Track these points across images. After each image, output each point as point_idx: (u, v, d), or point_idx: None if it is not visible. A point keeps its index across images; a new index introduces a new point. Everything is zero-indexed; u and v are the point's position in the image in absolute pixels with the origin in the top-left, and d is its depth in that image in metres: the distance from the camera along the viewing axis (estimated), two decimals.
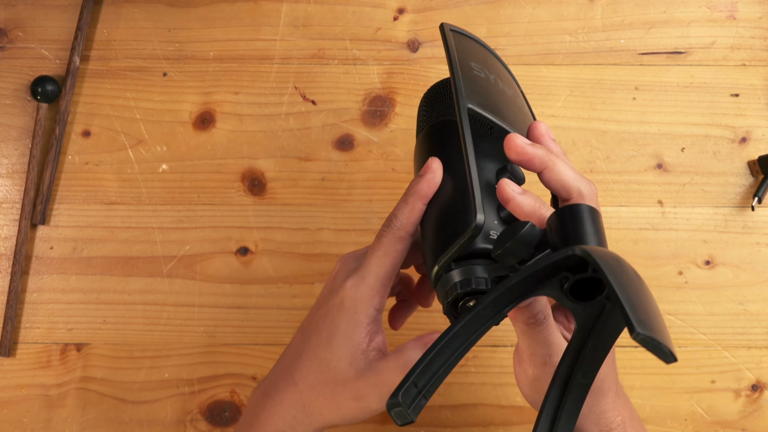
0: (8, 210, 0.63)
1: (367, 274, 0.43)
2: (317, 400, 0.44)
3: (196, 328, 0.61)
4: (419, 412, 0.33)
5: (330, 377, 0.43)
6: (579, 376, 0.34)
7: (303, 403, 0.44)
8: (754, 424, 0.60)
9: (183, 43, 0.65)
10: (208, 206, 0.63)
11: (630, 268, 0.31)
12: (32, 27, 0.65)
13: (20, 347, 0.61)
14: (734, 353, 0.61)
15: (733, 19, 0.66)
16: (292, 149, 0.64)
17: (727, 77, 0.65)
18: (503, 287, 0.33)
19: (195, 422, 0.60)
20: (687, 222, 0.63)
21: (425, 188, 0.43)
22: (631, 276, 0.30)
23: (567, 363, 0.34)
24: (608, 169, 0.63)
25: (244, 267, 0.62)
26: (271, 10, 0.66)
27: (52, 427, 0.60)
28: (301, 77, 0.65)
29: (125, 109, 0.64)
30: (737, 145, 0.64)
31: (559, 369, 0.34)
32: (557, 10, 0.66)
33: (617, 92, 0.65)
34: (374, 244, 0.44)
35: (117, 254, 0.62)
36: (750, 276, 0.62)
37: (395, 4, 0.66)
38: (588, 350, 0.34)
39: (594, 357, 0.34)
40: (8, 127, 0.64)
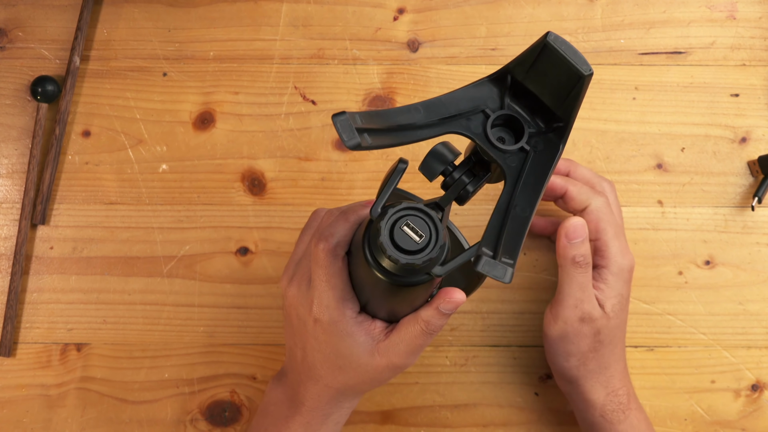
0: (8, 210, 0.63)
1: (329, 298, 0.44)
2: (352, 387, 0.48)
3: (196, 328, 0.61)
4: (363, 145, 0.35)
5: (358, 376, 0.46)
6: (518, 211, 0.38)
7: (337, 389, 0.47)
8: (754, 424, 0.60)
9: (183, 43, 0.65)
10: (208, 206, 0.63)
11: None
12: (32, 27, 0.65)
13: (20, 347, 0.61)
14: (734, 353, 0.61)
15: (733, 19, 0.66)
16: (292, 149, 0.64)
17: (727, 77, 0.65)
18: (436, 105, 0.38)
19: (195, 422, 0.60)
20: (687, 222, 0.63)
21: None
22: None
23: (504, 201, 0.38)
24: (608, 169, 0.63)
25: (244, 267, 0.62)
26: (271, 10, 0.66)
27: (52, 427, 0.60)
28: (301, 77, 0.65)
29: (125, 109, 0.64)
30: (737, 145, 0.64)
31: (498, 205, 0.38)
32: (557, 10, 0.66)
33: (617, 92, 0.65)
34: (317, 270, 0.44)
35: (117, 254, 0.62)
36: (750, 276, 0.62)
37: (395, 4, 0.66)
38: (520, 190, 0.38)
39: (530, 195, 0.38)
40: (8, 127, 0.64)
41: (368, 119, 0.36)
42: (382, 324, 0.45)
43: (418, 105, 0.38)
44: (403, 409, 0.60)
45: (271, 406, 0.50)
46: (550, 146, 0.39)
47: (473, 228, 0.62)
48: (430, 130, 0.38)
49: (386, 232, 0.38)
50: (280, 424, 0.49)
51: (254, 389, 0.61)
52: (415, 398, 0.60)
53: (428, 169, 0.41)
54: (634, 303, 0.61)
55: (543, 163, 0.39)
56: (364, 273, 0.41)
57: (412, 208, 0.38)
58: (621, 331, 0.54)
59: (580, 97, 0.37)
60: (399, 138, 0.37)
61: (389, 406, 0.60)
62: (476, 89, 0.39)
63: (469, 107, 0.39)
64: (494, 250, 0.36)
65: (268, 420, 0.50)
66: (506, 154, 0.39)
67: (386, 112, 0.37)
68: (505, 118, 0.39)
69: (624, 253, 0.53)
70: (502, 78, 0.39)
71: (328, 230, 0.43)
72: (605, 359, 0.53)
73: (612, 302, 0.52)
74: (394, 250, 0.37)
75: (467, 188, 0.41)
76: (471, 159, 0.41)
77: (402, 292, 0.41)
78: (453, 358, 0.61)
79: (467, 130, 0.39)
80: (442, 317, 0.42)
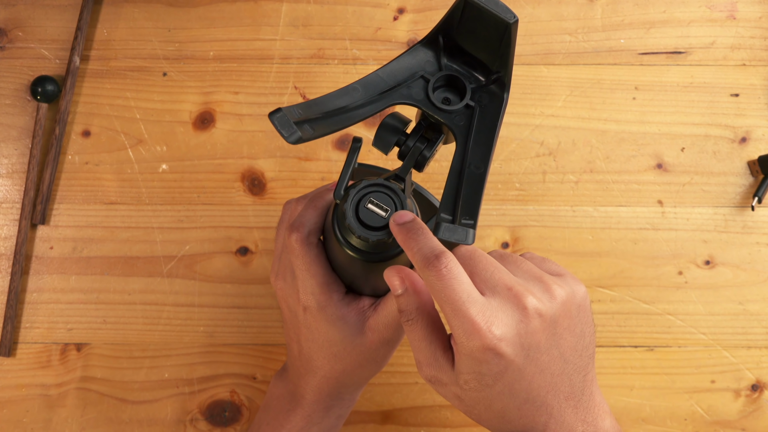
0: (8, 210, 0.63)
1: (311, 288, 0.44)
2: (350, 374, 0.47)
3: (196, 328, 0.61)
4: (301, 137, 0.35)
5: (354, 360, 0.46)
6: (472, 169, 0.38)
7: (336, 380, 0.47)
8: (754, 424, 0.60)
9: (183, 43, 0.65)
10: (208, 206, 0.63)
11: None
12: (32, 27, 0.65)
13: (20, 347, 0.61)
14: (734, 353, 0.61)
15: (733, 19, 0.66)
16: (292, 149, 0.64)
17: (727, 77, 0.65)
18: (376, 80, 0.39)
19: (195, 422, 0.60)
20: (687, 222, 0.63)
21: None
22: None
23: (458, 161, 0.38)
24: (608, 169, 0.63)
25: (244, 267, 0.62)
26: (271, 10, 0.66)
27: (52, 427, 0.60)
28: (301, 77, 0.65)
29: (125, 109, 0.64)
30: (737, 145, 0.64)
31: (452, 167, 0.38)
32: (557, 10, 0.66)
33: (617, 92, 0.65)
34: (295, 260, 0.44)
35: (117, 254, 0.62)
36: (750, 276, 0.62)
37: (395, 4, 0.66)
38: (471, 147, 0.38)
39: (482, 150, 0.38)
40: (8, 127, 0.64)
41: (307, 109, 0.36)
42: (369, 300, 0.45)
43: (355, 84, 0.38)
44: (403, 409, 0.60)
45: (273, 401, 0.50)
46: (494, 98, 0.39)
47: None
48: (372, 106, 0.38)
49: (352, 213, 0.38)
50: (282, 417, 0.49)
51: (254, 389, 0.61)
52: (415, 398, 0.60)
53: (381, 142, 0.41)
54: (635, 303, 0.61)
55: (491, 116, 0.39)
56: (340, 255, 0.42)
57: (372, 185, 0.39)
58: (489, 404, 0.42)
59: (512, 46, 0.37)
60: (343, 121, 0.38)
61: (389, 406, 0.60)
62: (411, 56, 0.39)
63: (407, 75, 0.39)
64: (453, 214, 0.36)
65: (270, 414, 0.50)
66: (452, 114, 0.39)
67: (324, 98, 0.37)
68: (446, 79, 0.40)
69: (470, 333, 0.38)
70: (434, 40, 0.40)
71: (298, 220, 0.44)
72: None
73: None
74: (362, 230, 0.38)
75: (423, 154, 0.41)
76: (422, 124, 0.41)
77: (380, 268, 0.41)
78: None
79: (409, 98, 0.39)
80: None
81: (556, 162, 0.63)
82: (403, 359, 0.61)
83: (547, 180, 0.63)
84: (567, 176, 0.63)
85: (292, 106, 0.36)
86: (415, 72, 0.39)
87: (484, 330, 0.37)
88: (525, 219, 0.62)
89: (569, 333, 0.41)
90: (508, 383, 0.40)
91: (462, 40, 0.39)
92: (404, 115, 0.42)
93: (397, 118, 0.41)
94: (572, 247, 0.62)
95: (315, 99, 0.37)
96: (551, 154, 0.63)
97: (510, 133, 0.64)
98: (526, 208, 0.63)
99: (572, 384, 0.41)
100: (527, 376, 0.40)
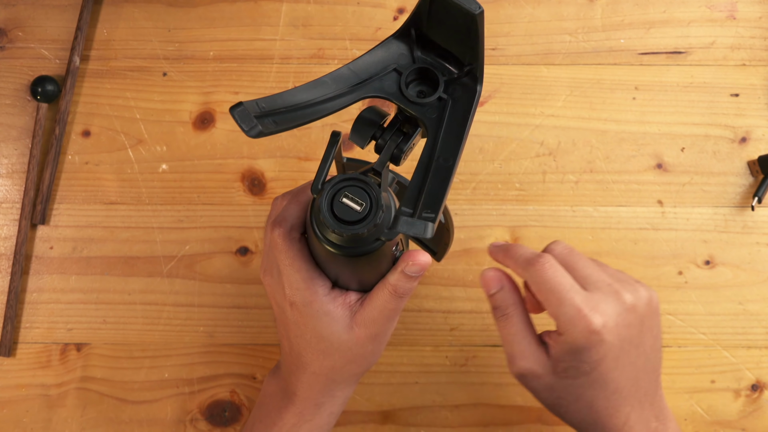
0: (8, 210, 0.63)
1: (296, 282, 0.44)
2: (340, 371, 0.47)
3: (196, 328, 0.61)
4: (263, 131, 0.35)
5: (342, 356, 0.46)
6: (441, 162, 0.38)
7: (328, 377, 0.48)
8: (753, 424, 0.60)
9: (183, 43, 0.65)
10: (208, 206, 0.63)
11: None
12: (32, 27, 0.65)
13: (20, 347, 0.61)
14: (734, 353, 0.61)
15: (733, 19, 0.66)
16: (291, 149, 0.64)
17: (727, 77, 0.65)
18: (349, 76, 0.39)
19: (195, 422, 0.60)
20: (687, 222, 0.63)
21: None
22: None
23: (426, 154, 0.38)
24: (608, 169, 0.63)
25: (244, 267, 0.62)
26: (271, 10, 0.66)
27: (52, 427, 0.60)
28: (301, 77, 0.65)
29: (125, 109, 0.64)
30: (737, 145, 0.64)
31: (420, 159, 0.38)
32: (557, 10, 0.66)
33: (617, 92, 0.65)
34: (279, 256, 0.44)
35: (117, 254, 0.62)
36: (750, 276, 0.62)
37: (395, 4, 0.66)
38: (441, 140, 0.38)
39: (452, 143, 0.38)
40: (8, 127, 0.64)
41: (271, 102, 0.36)
42: (356, 295, 0.45)
43: (324, 78, 0.38)
44: (403, 409, 0.60)
45: (267, 398, 0.50)
46: (467, 91, 0.39)
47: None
48: (341, 100, 0.38)
49: (326, 207, 0.38)
50: (274, 414, 0.49)
51: (254, 389, 0.61)
52: (415, 398, 0.60)
53: (357, 135, 0.41)
54: None
55: (463, 109, 0.39)
56: (321, 250, 0.42)
57: (347, 179, 0.38)
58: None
59: (480, 37, 0.37)
60: (309, 115, 0.37)
61: (389, 406, 0.60)
62: (384, 49, 0.39)
63: (380, 69, 0.39)
64: (414, 207, 0.36)
65: (263, 411, 0.50)
66: (425, 107, 0.39)
67: (290, 92, 0.37)
68: (419, 72, 0.39)
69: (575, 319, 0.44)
70: (406, 33, 0.39)
71: (281, 215, 0.44)
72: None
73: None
74: (336, 224, 0.38)
75: (399, 147, 0.40)
76: (398, 118, 0.41)
77: (361, 262, 0.41)
78: (453, 358, 0.61)
79: (381, 91, 0.39)
80: (410, 280, 0.43)
81: (556, 162, 0.63)
82: (402, 359, 0.61)
83: (547, 180, 0.63)
84: (567, 176, 0.63)
85: (255, 100, 0.35)
86: (388, 65, 0.39)
87: (589, 316, 0.43)
88: (525, 219, 0.62)
89: (650, 333, 0.46)
90: (603, 371, 0.44)
91: (432, 33, 0.39)
92: (382, 109, 0.42)
93: (374, 112, 0.41)
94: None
95: (281, 93, 0.37)
96: (551, 154, 0.63)
97: (510, 133, 0.64)
98: (526, 208, 0.63)
99: (649, 381, 0.46)
100: (620, 367, 0.44)
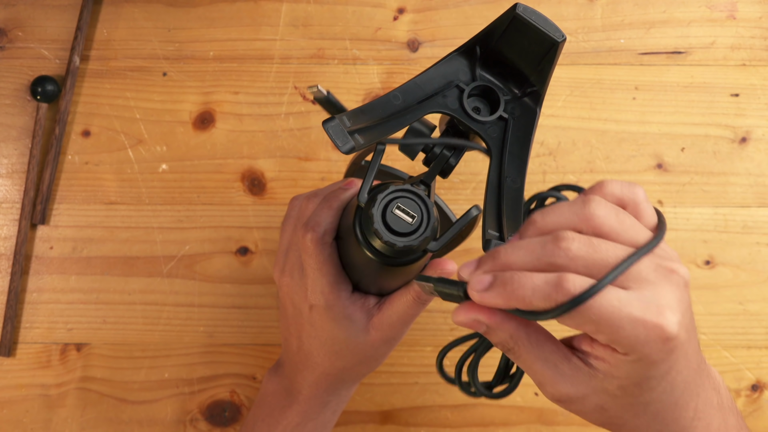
0: (8, 210, 0.63)
1: (322, 287, 0.44)
2: (349, 371, 0.47)
3: (196, 328, 0.61)
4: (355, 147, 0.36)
5: (355, 358, 0.46)
6: (509, 183, 0.38)
7: (336, 376, 0.47)
8: (754, 424, 0.60)
9: (183, 43, 0.65)
10: (208, 206, 0.63)
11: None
12: (32, 27, 0.65)
13: (20, 347, 0.61)
14: (734, 353, 0.61)
15: (733, 19, 0.66)
16: (292, 149, 0.64)
17: (727, 77, 0.65)
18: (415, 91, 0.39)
19: (195, 422, 0.60)
20: (687, 222, 0.63)
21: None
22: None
23: (495, 175, 0.39)
24: (608, 169, 0.63)
25: (244, 267, 0.62)
26: (271, 10, 0.66)
27: (52, 427, 0.60)
28: (300, 77, 0.65)
29: (125, 109, 0.64)
30: (737, 145, 0.64)
31: (489, 181, 0.39)
32: (557, 10, 0.66)
33: (617, 92, 0.65)
34: (307, 259, 0.44)
35: (117, 254, 0.62)
36: (750, 276, 0.62)
37: (395, 4, 0.66)
38: (507, 161, 0.38)
39: (518, 163, 0.39)
40: (8, 127, 0.64)
41: (355, 119, 0.36)
42: (374, 298, 0.46)
43: (396, 92, 0.39)
44: (403, 409, 0.60)
45: (268, 397, 0.50)
46: (527, 111, 0.40)
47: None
48: (411, 115, 0.39)
49: (379, 218, 0.38)
50: (277, 413, 0.49)
51: (254, 389, 0.61)
52: (415, 398, 0.60)
53: (409, 148, 0.41)
54: None
55: (524, 129, 0.39)
56: (356, 256, 0.42)
57: (400, 190, 0.38)
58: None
59: (554, 63, 0.38)
60: (386, 130, 0.38)
61: (389, 406, 0.60)
62: (447, 65, 0.40)
63: (442, 84, 0.40)
64: (499, 230, 0.37)
65: (265, 410, 0.50)
66: (486, 125, 0.39)
67: (369, 107, 0.38)
68: (479, 90, 0.40)
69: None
70: (471, 50, 0.40)
71: (313, 219, 0.44)
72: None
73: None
74: (390, 236, 0.38)
75: (450, 162, 0.41)
76: (449, 131, 0.42)
77: (396, 271, 0.41)
78: (453, 358, 0.61)
79: (444, 107, 0.39)
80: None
81: (556, 162, 0.63)
82: (402, 359, 0.61)
83: (547, 180, 0.63)
84: (567, 176, 0.63)
85: (342, 116, 0.36)
86: (450, 80, 0.40)
87: (660, 324, 0.31)
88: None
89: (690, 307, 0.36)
90: (674, 376, 0.35)
91: (501, 50, 0.39)
92: (429, 121, 0.42)
93: (423, 124, 0.42)
94: None
95: (360, 107, 0.37)
96: (551, 154, 0.63)
97: None
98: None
99: (698, 353, 0.37)
100: (688, 359, 0.35)
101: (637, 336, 0.31)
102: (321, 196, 0.45)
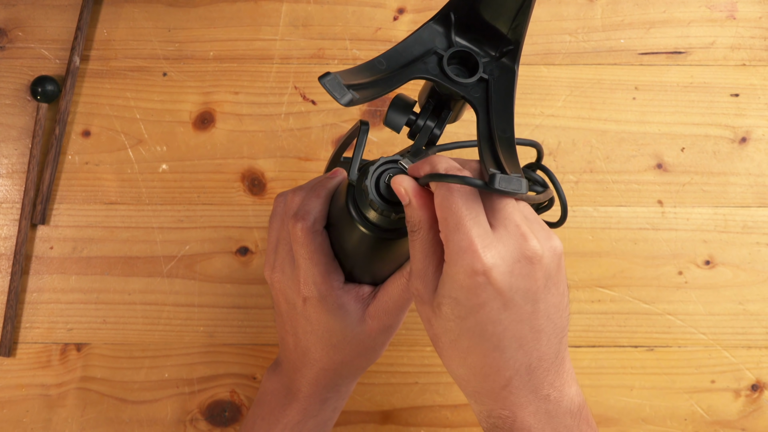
0: (8, 210, 0.63)
1: (312, 279, 0.44)
2: (348, 365, 0.47)
3: (196, 328, 0.61)
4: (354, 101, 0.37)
5: (353, 349, 0.46)
6: (500, 134, 0.40)
7: (335, 371, 0.47)
8: (753, 424, 0.60)
9: (183, 43, 0.65)
10: (208, 206, 0.63)
11: None
12: (32, 27, 0.65)
13: (20, 347, 0.61)
14: (734, 353, 0.61)
15: (733, 19, 0.66)
16: (292, 149, 0.64)
17: (727, 77, 0.65)
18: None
19: (195, 422, 0.60)
20: (687, 222, 0.63)
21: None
22: None
23: (485, 127, 0.40)
24: (608, 169, 0.63)
25: (244, 267, 0.62)
26: (271, 10, 0.66)
27: (52, 427, 0.60)
28: (301, 77, 0.65)
29: (125, 109, 0.64)
30: (737, 145, 0.64)
31: (479, 133, 0.40)
32: (557, 10, 0.66)
33: (617, 92, 0.65)
34: (299, 249, 0.44)
35: (117, 254, 0.62)
36: (750, 276, 0.62)
37: (395, 4, 0.66)
38: (494, 116, 0.40)
39: (505, 116, 0.40)
40: (8, 127, 0.64)
41: (348, 77, 0.38)
42: (369, 288, 0.46)
43: (380, 58, 0.41)
44: (403, 409, 0.60)
45: (268, 396, 0.50)
46: (505, 70, 0.41)
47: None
48: (397, 78, 0.40)
49: (373, 189, 0.39)
50: (277, 412, 0.49)
51: (254, 389, 0.61)
52: (415, 398, 0.60)
53: (393, 122, 0.43)
54: (635, 303, 0.61)
55: (505, 87, 0.41)
56: (350, 239, 0.43)
57: (390, 162, 0.40)
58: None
59: (529, 14, 0.39)
60: (376, 91, 0.39)
61: (389, 406, 0.60)
62: (424, 32, 0.41)
63: (421, 51, 0.41)
64: (500, 168, 0.37)
65: (265, 409, 0.50)
66: (468, 87, 0.41)
67: (356, 70, 0.39)
68: (457, 55, 0.41)
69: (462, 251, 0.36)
70: (445, 17, 0.41)
71: (302, 209, 0.44)
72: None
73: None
74: (385, 205, 0.39)
75: (434, 132, 0.43)
76: (430, 103, 0.43)
77: (389, 247, 0.42)
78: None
79: (426, 72, 0.41)
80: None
81: (556, 162, 0.63)
82: (402, 359, 0.61)
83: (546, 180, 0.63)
84: (567, 176, 0.63)
85: (337, 73, 0.37)
86: (428, 47, 0.41)
87: (479, 251, 0.35)
88: None
89: (555, 290, 0.38)
90: (481, 321, 0.37)
91: (477, 11, 0.41)
92: (409, 97, 0.43)
93: (404, 99, 0.43)
94: (572, 247, 0.62)
95: (349, 69, 0.39)
96: (551, 154, 0.63)
97: None
98: None
99: (549, 345, 0.38)
100: (504, 322, 0.37)
101: (460, 247, 0.35)
102: (306, 189, 0.46)
